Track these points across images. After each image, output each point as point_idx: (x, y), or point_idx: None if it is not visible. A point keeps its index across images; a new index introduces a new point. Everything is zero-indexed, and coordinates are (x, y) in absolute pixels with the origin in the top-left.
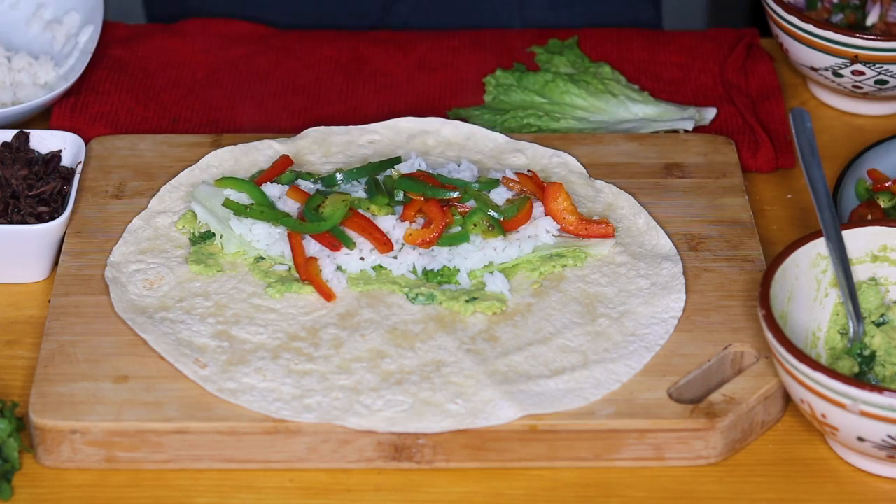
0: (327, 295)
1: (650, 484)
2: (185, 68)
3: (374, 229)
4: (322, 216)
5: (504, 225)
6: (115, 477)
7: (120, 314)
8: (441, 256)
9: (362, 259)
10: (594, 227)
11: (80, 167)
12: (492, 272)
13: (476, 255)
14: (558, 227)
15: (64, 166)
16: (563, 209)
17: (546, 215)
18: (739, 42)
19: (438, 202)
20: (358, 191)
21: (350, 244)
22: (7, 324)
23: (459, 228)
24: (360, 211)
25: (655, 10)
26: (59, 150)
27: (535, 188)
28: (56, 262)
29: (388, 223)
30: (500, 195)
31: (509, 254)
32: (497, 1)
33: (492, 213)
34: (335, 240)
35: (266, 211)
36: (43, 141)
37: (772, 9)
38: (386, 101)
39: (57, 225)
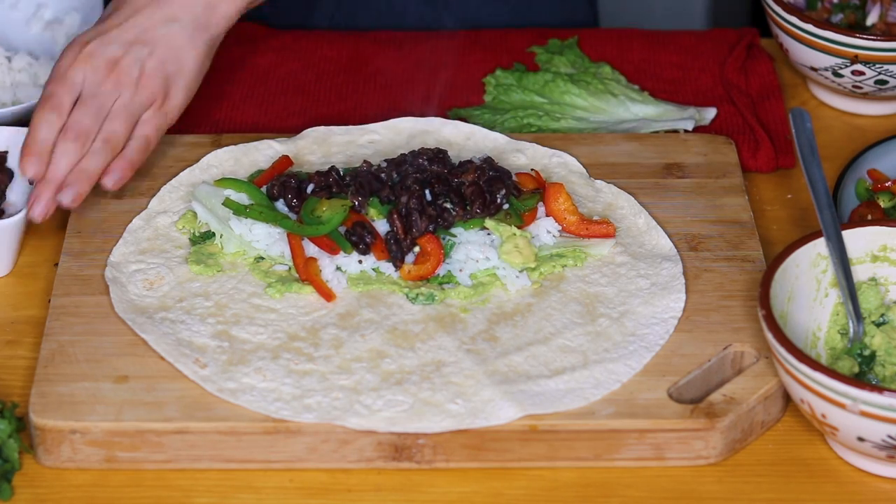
0: (327, 295)
1: (650, 484)
2: None
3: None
4: (320, 219)
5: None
6: (115, 477)
7: (120, 314)
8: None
9: (360, 262)
10: (595, 226)
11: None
12: (493, 274)
13: (477, 255)
14: (559, 227)
15: (9, 167)
16: (563, 209)
17: (547, 215)
18: (739, 42)
19: (436, 236)
20: None
21: (348, 248)
22: (7, 324)
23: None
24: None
25: (592, 10)
26: (5, 152)
27: (536, 187)
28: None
29: (386, 227)
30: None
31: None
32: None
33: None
34: (333, 243)
35: (266, 211)
36: None
37: (772, 9)
38: (386, 100)
39: (13, 223)
